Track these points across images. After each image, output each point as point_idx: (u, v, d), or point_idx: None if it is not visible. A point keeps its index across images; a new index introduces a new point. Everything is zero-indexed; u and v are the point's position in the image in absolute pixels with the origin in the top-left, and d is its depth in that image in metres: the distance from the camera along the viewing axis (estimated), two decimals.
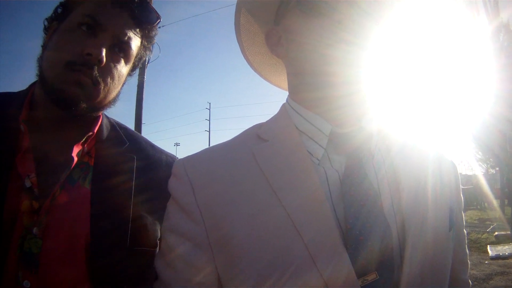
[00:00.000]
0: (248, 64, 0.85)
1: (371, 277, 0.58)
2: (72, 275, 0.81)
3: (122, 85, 0.95)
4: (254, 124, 0.78)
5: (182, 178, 0.67)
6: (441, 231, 0.67)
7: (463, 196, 0.81)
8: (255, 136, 0.71)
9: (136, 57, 0.96)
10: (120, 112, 0.95)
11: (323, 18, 0.64)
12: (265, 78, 0.90)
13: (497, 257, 7.23)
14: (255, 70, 0.87)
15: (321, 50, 0.64)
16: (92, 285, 0.81)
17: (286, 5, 0.70)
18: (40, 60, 0.89)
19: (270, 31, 0.75)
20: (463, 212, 0.81)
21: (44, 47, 0.90)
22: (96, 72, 0.84)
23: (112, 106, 0.94)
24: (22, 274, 0.77)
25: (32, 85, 0.92)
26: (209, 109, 47.55)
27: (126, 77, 0.95)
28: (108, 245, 0.83)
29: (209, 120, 47.58)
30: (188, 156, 0.72)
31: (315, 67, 0.66)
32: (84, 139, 0.89)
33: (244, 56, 0.83)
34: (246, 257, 0.59)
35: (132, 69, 0.98)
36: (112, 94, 0.91)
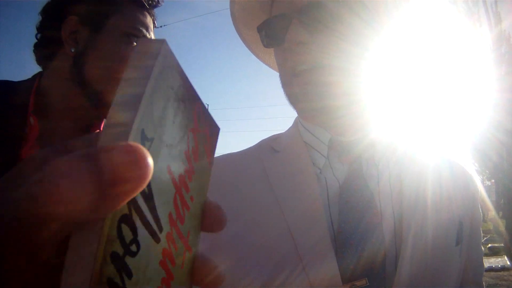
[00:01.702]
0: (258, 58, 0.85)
1: (361, 283, 0.58)
2: None
3: None
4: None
5: None
6: (444, 245, 0.65)
7: None
8: (269, 148, 0.74)
9: None
10: None
11: (323, 29, 0.63)
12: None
13: (489, 269, 7.20)
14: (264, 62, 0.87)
15: (320, 61, 0.63)
16: None
17: (287, 18, 0.68)
18: (81, 64, 0.89)
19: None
20: None
21: (79, 54, 0.89)
22: None
23: None
24: None
25: (37, 76, 0.92)
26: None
27: None
28: None
29: None
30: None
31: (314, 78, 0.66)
32: None
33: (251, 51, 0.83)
34: (239, 261, 0.60)
35: None
36: None
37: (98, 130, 0.93)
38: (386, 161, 0.69)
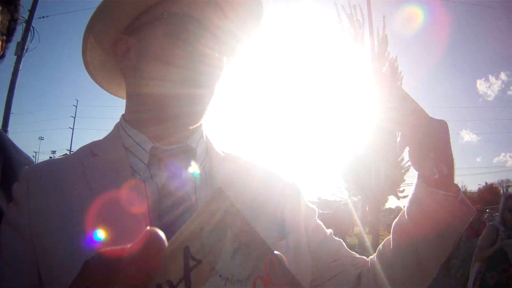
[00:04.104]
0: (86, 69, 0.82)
1: None
2: None
3: None
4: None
5: (22, 181, 0.71)
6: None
7: (321, 220, 0.86)
8: (88, 152, 0.74)
9: None
10: None
11: (189, 43, 0.69)
12: (104, 88, 0.88)
13: None
14: (92, 76, 0.84)
15: (182, 71, 0.69)
16: None
17: (151, 18, 0.71)
18: None
19: (120, 39, 0.74)
20: None
21: None
22: None
23: None
24: None
25: None
26: (76, 106, 48.39)
27: None
28: None
29: (74, 118, 47.86)
30: (35, 164, 0.83)
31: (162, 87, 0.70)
32: None
33: (83, 58, 0.80)
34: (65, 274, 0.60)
35: None
36: None
37: None
38: (202, 165, 0.76)
